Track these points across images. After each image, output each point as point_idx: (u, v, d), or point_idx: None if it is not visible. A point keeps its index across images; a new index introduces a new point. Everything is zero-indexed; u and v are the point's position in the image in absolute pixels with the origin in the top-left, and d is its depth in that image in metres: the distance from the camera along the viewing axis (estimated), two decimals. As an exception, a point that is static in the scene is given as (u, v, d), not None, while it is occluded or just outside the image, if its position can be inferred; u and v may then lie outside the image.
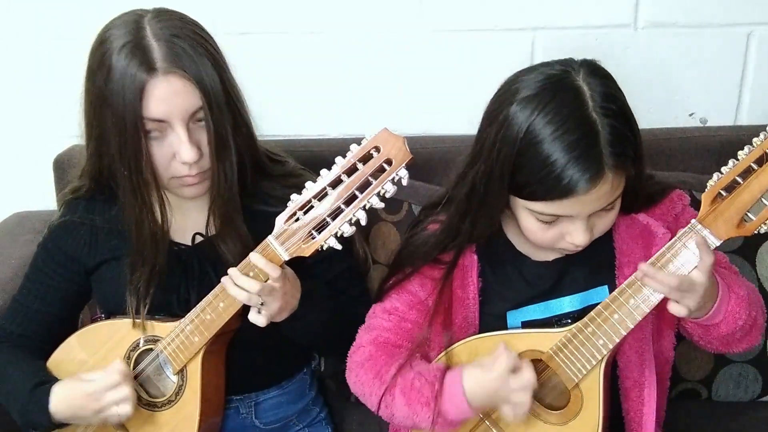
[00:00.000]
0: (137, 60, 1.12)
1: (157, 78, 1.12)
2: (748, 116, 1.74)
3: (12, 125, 1.79)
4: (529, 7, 1.66)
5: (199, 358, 1.22)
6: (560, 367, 1.14)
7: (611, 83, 1.09)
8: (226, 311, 1.18)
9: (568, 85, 1.06)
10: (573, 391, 1.15)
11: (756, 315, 1.17)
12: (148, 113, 1.13)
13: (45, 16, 1.69)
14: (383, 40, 1.69)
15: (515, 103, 1.07)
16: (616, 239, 1.20)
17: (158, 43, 1.13)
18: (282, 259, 1.13)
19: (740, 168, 1.05)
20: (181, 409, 1.25)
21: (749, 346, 1.20)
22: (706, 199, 1.07)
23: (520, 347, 1.16)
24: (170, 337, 1.22)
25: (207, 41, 1.19)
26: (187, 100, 1.14)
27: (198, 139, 1.17)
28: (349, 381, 1.25)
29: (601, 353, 1.12)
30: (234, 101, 1.21)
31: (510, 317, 1.22)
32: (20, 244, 1.60)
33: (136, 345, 1.25)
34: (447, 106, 1.74)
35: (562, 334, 1.14)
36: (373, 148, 1.07)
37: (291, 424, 1.45)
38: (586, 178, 1.02)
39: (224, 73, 1.19)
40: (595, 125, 1.03)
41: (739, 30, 1.69)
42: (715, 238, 1.07)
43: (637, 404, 1.21)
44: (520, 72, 1.13)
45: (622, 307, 1.11)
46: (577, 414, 1.15)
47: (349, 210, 1.08)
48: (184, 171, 1.18)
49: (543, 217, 1.10)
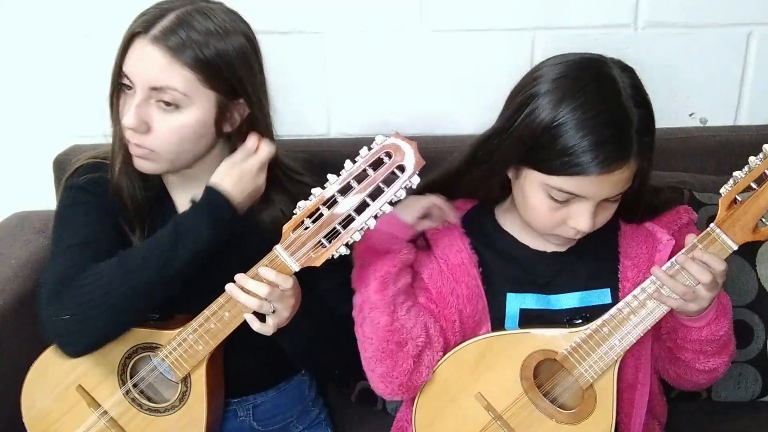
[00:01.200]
0: (145, 19, 1.15)
1: (144, 40, 1.14)
2: (748, 116, 1.74)
3: (12, 125, 1.78)
4: (529, 7, 1.66)
5: (203, 366, 1.20)
6: (575, 368, 1.15)
7: (638, 79, 1.14)
8: (233, 321, 1.15)
9: (606, 73, 1.11)
10: (587, 391, 1.16)
11: (731, 334, 1.20)
12: (124, 66, 1.16)
13: (45, 16, 1.68)
14: (383, 39, 1.69)
15: (548, 82, 1.11)
16: (621, 243, 1.22)
17: (173, 17, 1.15)
18: (292, 270, 1.10)
19: (755, 174, 1.08)
20: (186, 415, 1.23)
21: (711, 370, 1.20)
22: (724, 204, 1.10)
23: (532, 346, 1.16)
24: (172, 345, 1.19)
25: (227, 35, 1.17)
26: (150, 73, 1.14)
27: (150, 114, 1.16)
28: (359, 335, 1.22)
29: (617, 354, 1.14)
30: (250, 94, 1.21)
31: (509, 300, 1.21)
32: (20, 244, 1.60)
33: (132, 351, 1.23)
34: (447, 106, 1.73)
35: (576, 333, 1.15)
36: (384, 154, 1.04)
37: (290, 426, 1.44)
38: (611, 159, 1.06)
39: (238, 70, 1.18)
40: (628, 112, 1.08)
41: (739, 30, 1.69)
42: (733, 243, 1.10)
43: (627, 406, 1.22)
44: (552, 57, 1.16)
45: (641, 309, 1.13)
46: (590, 414, 1.16)
47: (360, 218, 1.05)
48: (128, 135, 1.18)
49: (557, 194, 1.11)
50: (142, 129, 1.16)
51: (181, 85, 1.14)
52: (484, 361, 1.18)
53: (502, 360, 1.18)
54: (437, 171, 1.24)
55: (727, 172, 1.12)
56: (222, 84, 1.17)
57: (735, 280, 1.49)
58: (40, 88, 1.73)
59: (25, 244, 1.57)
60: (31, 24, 1.70)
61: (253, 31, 1.24)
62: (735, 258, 1.49)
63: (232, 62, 1.17)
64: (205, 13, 1.17)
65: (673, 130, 1.67)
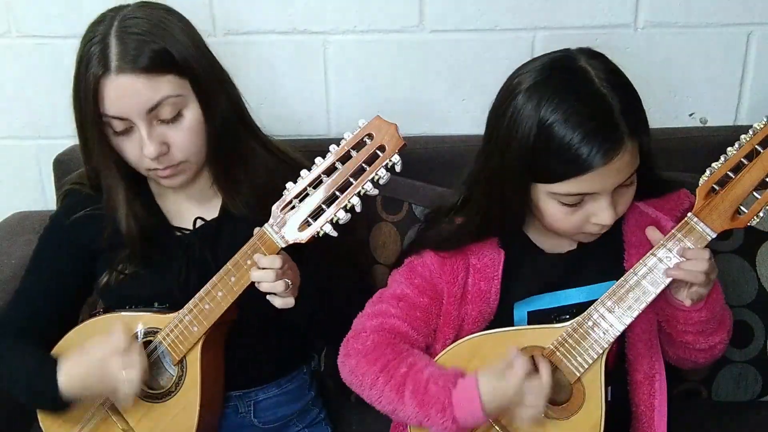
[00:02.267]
0: (96, 58, 1.14)
1: (110, 77, 1.14)
2: (748, 116, 1.75)
3: (12, 125, 1.79)
4: (529, 7, 1.66)
5: (198, 348, 1.22)
6: (561, 362, 1.15)
7: (611, 62, 1.12)
8: (225, 300, 1.18)
9: (573, 67, 1.09)
10: (575, 385, 1.16)
11: (724, 305, 1.21)
12: (106, 110, 1.16)
13: (45, 16, 1.69)
14: (383, 39, 1.69)
15: (522, 93, 1.09)
16: (625, 231, 1.21)
17: (117, 40, 1.14)
18: (279, 246, 1.15)
19: (731, 163, 1.11)
20: (181, 400, 1.25)
21: (712, 347, 1.21)
22: (701, 193, 1.11)
23: (522, 343, 1.17)
24: (169, 327, 1.22)
25: (171, 26, 1.18)
26: (140, 99, 1.15)
27: (162, 132, 1.18)
28: (345, 367, 1.23)
29: (602, 347, 1.14)
30: (211, 74, 1.22)
31: (516, 308, 1.22)
32: (20, 244, 1.60)
33: (134, 337, 1.25)
34: (447, 106, 1.74)
35: (562, 329, 1.15)
36: (366, 136, 1.09)
37: (290, 424, 1.45)
38: (605, 149, 1.04)
39: (195, 50, 1.20)
40: (606, 99, 1.06)
41: (739, 30, 1.69)
42: (711, 231, 1.11)
43: (648, 397, 1.22)
44: (520, 67, 1.14)
45: (622, 302, 1.13)
46: (580, 408, 1.16)
47: (344, 196, 1.10)
48: (153, 165, 1.20)
49: (568, 200, 1.10)
50: (164, 150, 1.18)
51: (171, 89, 1.16)
52: (476, 358, 1.19)
53: (492, 357, 1.17)
54: (464, 234, 1.21)
55: (726, 172, 1.12)
56: (186, 68, 1.18)
57: (735, 280, 1.49)
58: (41, 89, 1.74)
59: (25, 244, 1.57)
60: (31, 24, 1.70)
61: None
62: (735, 258, 1.49)
63: (183, 41, 1.19)
64: (130, 18, 1.17)
65: (673, 130, 1.67)
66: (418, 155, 1.60)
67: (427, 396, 1.14)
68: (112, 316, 1.28)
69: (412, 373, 1.17)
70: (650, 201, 1.23)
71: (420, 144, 1.63)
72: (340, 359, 1.24)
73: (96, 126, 1.17)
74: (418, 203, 1.53)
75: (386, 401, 1.18)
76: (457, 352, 1.20)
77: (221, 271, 1.18)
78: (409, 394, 1.16)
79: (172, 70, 1.16)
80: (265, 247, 1.15)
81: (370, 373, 1.19)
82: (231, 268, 1.17)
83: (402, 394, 1.16)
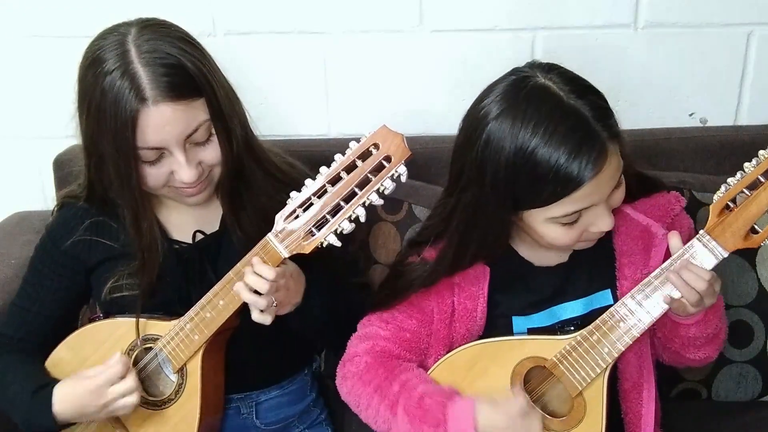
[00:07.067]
0: (127, 88, 1.10)
1: (148, 108, 1.11)
2: (748, 116, 1.74)
3: (12, 125, 1.79)
4: (529, 7, 1.66)
5: (198, 356, 1.22)
6: (564, 375, 1.14)
7: (566, 70, 1.11)
8: (226, 309, 1.18)
9: (536, 87, 1.08)
10: (576, 398, 1.15)
11: (721, 327, 1.20)
12: (144, 143, 1.13)
13: (45, 16, 1.68)
14: (383, 39, 1.69)
15: (491, 123, 1.07)
16: (616, 240, 1.20)
17: (145, 69, 1.11)
18: (282, 256, 1.13)
19: (747, 180, 1.06)
20: (182, 408, 1.25)
21: (702, 359, 1.21)
22: (714, 210, 1.08)
23: (523, 353, 1.16)
24: (169, 335, 1.22)
25: (192, 50, 1.16)
26: (181, 126, 1.13)
27: (196, 156, 1.18)
28: (342, 389, 1.25)
29: (606, 362, 1.12)
30: (228, 96, 1.20)
31: (516, 323, 1.21)
32: (20, 244, 1.60)
33: (134, 344, 1.25)
34: (447, 106, 1.73)
35: (566, 341, 1.14)
36: (372, 145, 1.07)
37: (292, 425, 1.45)
38: (593, 159, 1.03)
39: (214, 75, 1.18)
40: (578, 111, 1.05)
41: (739, 30, 1.69)
42: (723, 250, 1.08)
43: (636, 405, 1.21)
44: (478, 98, 1.13)
45: (629, 317, 1.11)
46: (580, 421, 1.15)
47: (349, 207, 1.08)
48: (182, 185, 1.19)
49: (566, 219, 1.09)
50: (200, 171, 1.18)
51: (205, 111, 1.15)
52: (476, 368, 1.18)
53: (494, 366, 1.17)
54: (439, 263, 1.19)
55: (727, 172, 1.11)
56: (206, 86, 1.16)
57: (735, 280, 1.49)
58: (41, 89, 1.74)
59: (25, 244, 1.57)
60: (31, 24, 1.70)
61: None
62: (735, 258, 1.49)
63: (199, 59, 1.16)
64: (146, 41, 1.13)
65: (673, 130, 1.67)
66: (418, 155, 1.58)
67: (420, 411, 1.14)
68: (111, 321, 1.28)
69: (405, 390, 1.17)
70: (640, 205, 1.21)
71: (420, 144, 1.63)
72: (338, 381, 1.25)
73: (130, 159, 1.13)
74: (417, 203, 1.53)
75: (382, 420, 1.18)
76: (455, 360, 1.20)
77: (223, 279, 1.17)
78: (401, 411, 1.16)
79: (201, 94, 1.14)
80: (268, 256, 1.14)
81: (365, 394, 1.20)
82: (233, 277, 1.17)
83: (395, 413, 1.16)
